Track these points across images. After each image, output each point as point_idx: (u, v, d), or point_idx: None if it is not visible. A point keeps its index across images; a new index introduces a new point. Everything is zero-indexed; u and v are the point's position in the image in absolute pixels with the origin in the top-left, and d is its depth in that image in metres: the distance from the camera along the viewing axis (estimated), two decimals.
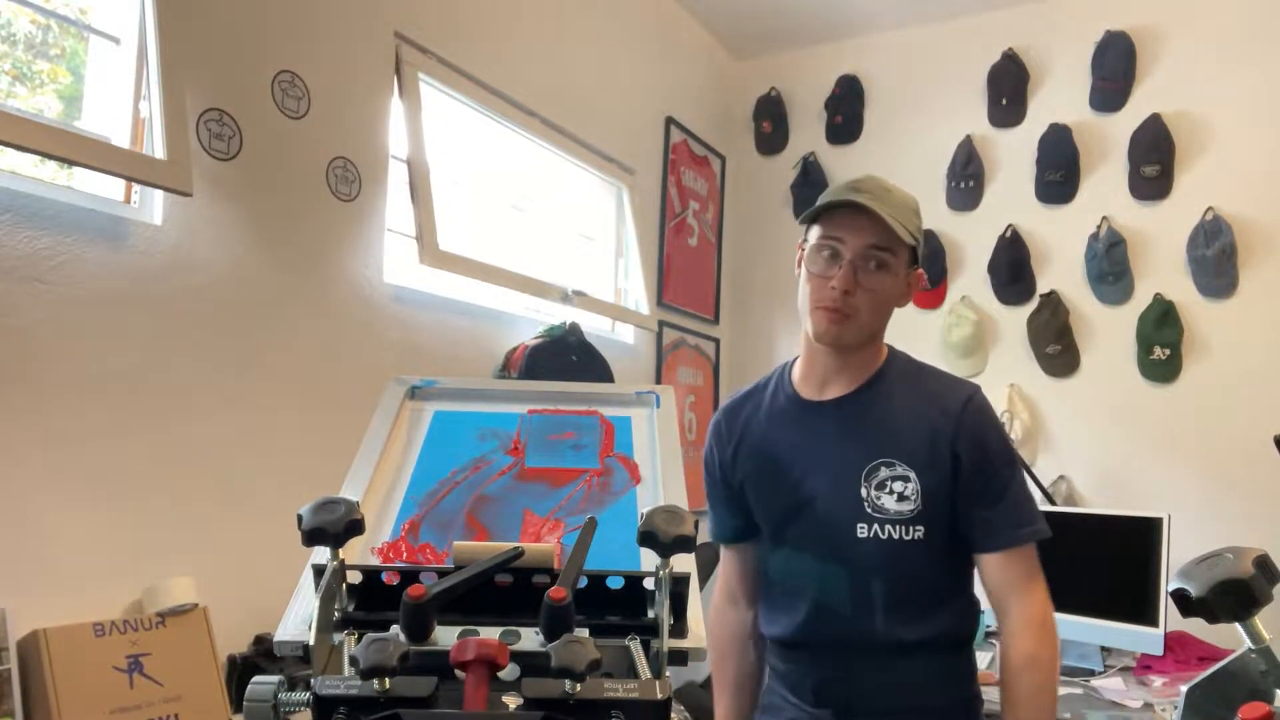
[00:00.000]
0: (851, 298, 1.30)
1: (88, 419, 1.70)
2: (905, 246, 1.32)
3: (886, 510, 1.32)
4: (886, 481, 1.33)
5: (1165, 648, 2.53)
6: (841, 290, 1.29)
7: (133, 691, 1.61)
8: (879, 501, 1.32)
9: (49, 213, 1.65)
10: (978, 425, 1.34)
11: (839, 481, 1.34)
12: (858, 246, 1.30)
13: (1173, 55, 3.30)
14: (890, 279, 1.32)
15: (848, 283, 1.29)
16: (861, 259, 1.30)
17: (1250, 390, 3.06)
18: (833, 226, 1.32)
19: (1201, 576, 0.65)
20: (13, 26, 1.77)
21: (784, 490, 1.39)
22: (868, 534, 1.33)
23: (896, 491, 1.32)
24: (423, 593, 0.69)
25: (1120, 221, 3.32)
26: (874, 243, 1.29)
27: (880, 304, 1.34)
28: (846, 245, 1.30)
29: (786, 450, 1.40)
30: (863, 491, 1.33)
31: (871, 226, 1.29)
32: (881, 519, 1.32)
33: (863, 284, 1.31)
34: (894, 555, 1.33)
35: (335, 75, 2.21)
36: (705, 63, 4.00)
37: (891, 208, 1.30)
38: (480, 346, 2.65)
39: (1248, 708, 0.58)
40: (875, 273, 1.31)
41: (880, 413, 1.37)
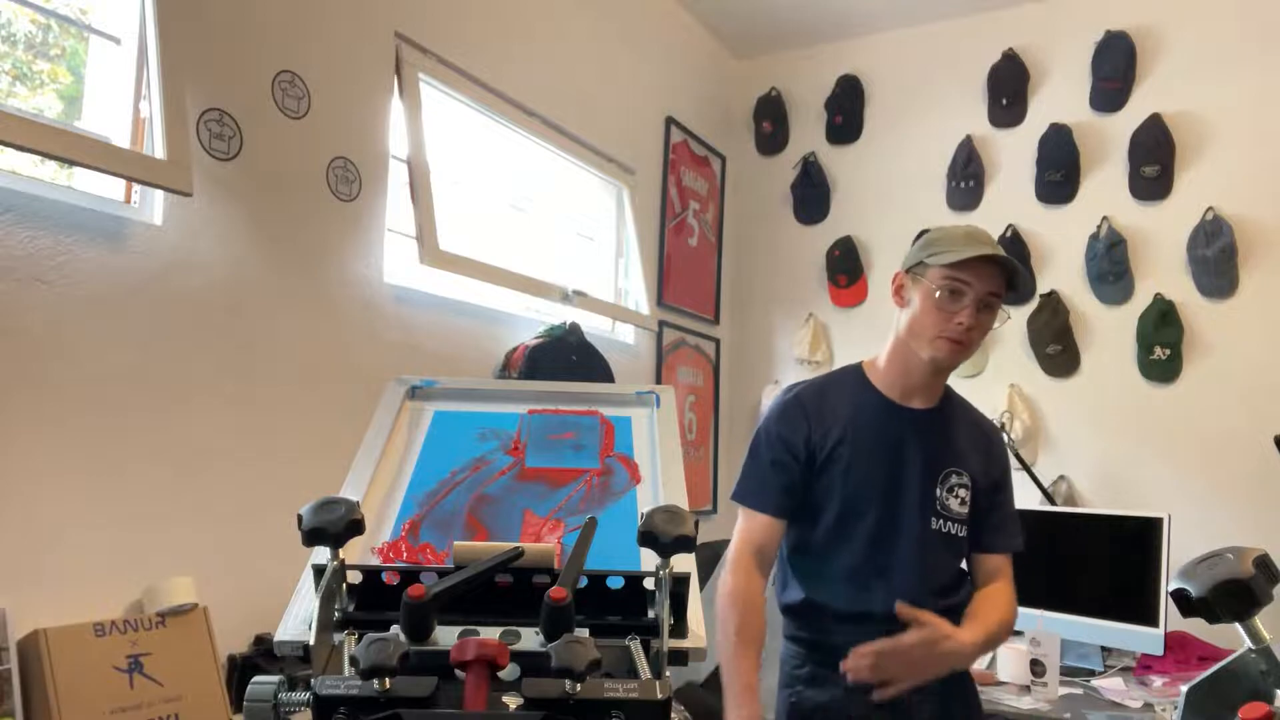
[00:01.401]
0: (972, 332, 1.56)
1: (88, 419, 1.70)
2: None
3: (951, 510, 1.61)
4: (955, 487, 1.62)
5: (1165, 648, 2.53)
6: (967, 327, 1.55)
7: (133, 691, 1.61)
8: (946, 502, 1.61)
9: (49, 213, 1.65)
10: (1004, 455, 1.73)
11: (922, 479, 1.60)
12: (981, 291, 1.55)
13: (1173, 55, 3.30)
14: (992, 318, 1.60)
15: (972, 319, 1.55)
16: (982, 301, 1.56)
17: (1251, 390, 3.06)
18: (963, 270, 1.55)
19: (1202, 576, 0.65)
20: (13, 26, 1.77)
21: (876, 476, 1.62)
22: (937, 526, 1.61)
23: (960, 496, 1.62)
24: (423, 593, 0.68)
25: (1120, 221, 3.32)
26: (993, 289, 1.56)
27: (982, 339, 1.62)
28: (973, 288, 1.55)
29: (882, 443, 1.62)
30: (937, 491, 1.61)
31: (993, 275, 1.55)
32: (946, 516, 1.61)
33: (979, 322, 1.57)
34: (948, 546, 1.62)
35: (335, 75, 2.21)
36: (705, 62, 4.00)
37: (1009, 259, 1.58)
38: (480, 346, 2.65)
39: (1248, 708, 0.58)
40: (987, 313, 1.58)
41: (952, 429, 1.67)
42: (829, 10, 3.72)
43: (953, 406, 1.70)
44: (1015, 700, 2.34)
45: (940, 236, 1.62)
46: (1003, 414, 3.34)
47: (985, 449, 1.68)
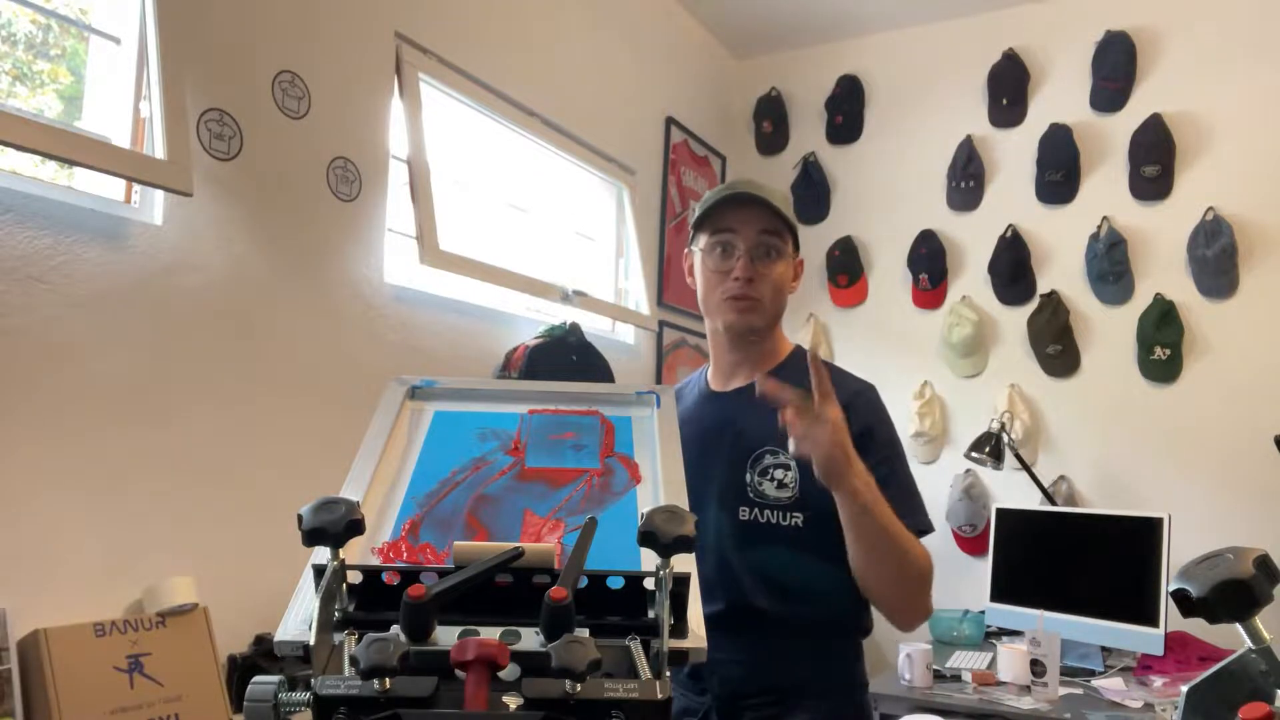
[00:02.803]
0: (753, 285, 1.40)
1: (88, 418, 1.70)
2: (789, 232, 1.44)
3: (766, 496, 1.40)
4: (769, 469, 1.40)
5: (1166, 648, 2.53)
6: (745, 279, 1.39)
7: (133, 691, 1.61)
8: (760, 488, 1.40)
9: (49, 212, 1.65)
10: (860, 415, 1.38)
11: (731, 467, 1.42)
12: (751, 236, 1.40)
13: (1173, 55, 3.30)
14: (783, 264, 1.43)
15: (748, 270, 1.39)
16: (756, 247, 1.40)
17: (1251, 390, 3.06)
18: (723, 221, 1.42)
19: (1202, 577, 0.65)
20: (13, 26, 1.77)
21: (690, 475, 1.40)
22: (749, 517, 1.40)
23: (777, 479, 1.40)
24: (423, 593, 0.68)
25: (1121, 221, 3.32)
26: (764, 228, 1.40)
27: (778, 289, 1.44)
28: (739, 235, 1.41)
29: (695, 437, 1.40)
30: (747, 476, 1.41)
31: (758, 215, 1.40)
32: (762, 504, 1.40)
33: (760, 272, 1.41)
34: (774, 537, 1.39)
35: (336, 75, 2.21)
36: (706, 62, 4.00)
37: (773, 196, 1.42)
38: (480, 346, 2.65)
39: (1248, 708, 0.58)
40: (770, 260, 1.42)
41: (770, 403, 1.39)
42: (829, 10, 3.72)
43: (785, 375, 1.41)
44: (1015, 700, 2.34)
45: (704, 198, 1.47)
46: (1003, 414, 3.34)
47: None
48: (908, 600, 1.36)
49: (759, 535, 1.39)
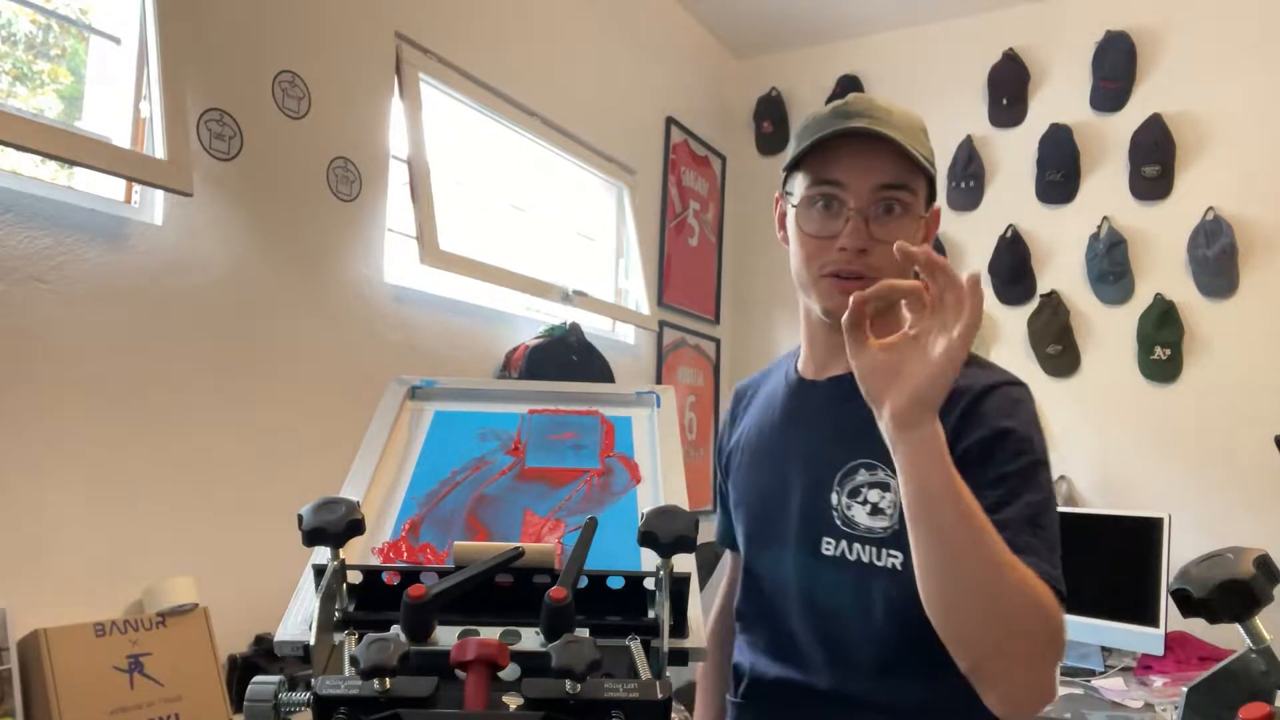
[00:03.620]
0: (868, 257, 1.01)
1: (88, 419, 1.70)
2: (922, 178, 1.04)
3: (857, 525, 1.04)
4: (861, 488, 1.04)
5: (1166, 648, 2.53)
6: (854, 249, 1.01)
7: (133, 691, 1.61)
8: (849, 513, 1.04)
9: (49, 213, 1.65)
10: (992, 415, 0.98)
11: (812, 483, 1.07)
12: (865, 191, 1.01)
13: (1173, 55, 3.30)
14: (911, 223, 1.03)
15: (860, 239, 1.01)
16: (872, 205, 1.01)
17: (1251, 390, 3.06)
18: (827, 168, 1.03)
19: (1202, 577, 0.65)
20: (13, 26, 1.77)
21: (756, 486, 1.16)
22: (834, 552, 1.05)
23: (870, 501, 1.03)
24: (423, 593, 0.68)
25: (1121, 221, 3.32)
26: (886, 181, 1.01)
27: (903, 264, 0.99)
28: (849, 190, 1.02)
29: (768, 438, 1.16)
30: (834, 498, 1.05)
31: (878, 160, 1.01)
32: (851, 535, 1.04)
33: (878, 236, 1.01)
34: (864, 585, 1.02)
35: (336, 75, 2.21)
36: (706, 62, 4.00)
37: (900, 131, 1.01)
38: (481, 346, 2.65)
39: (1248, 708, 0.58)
40: (892, 219, 1.02)
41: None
42: (829, 10, 3.72)
43: None
44: None
45: (806, 121, 1.08)
46: None
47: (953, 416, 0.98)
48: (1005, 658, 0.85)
49: (843, 578, 1.03)
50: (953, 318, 0.80)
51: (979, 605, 0.84)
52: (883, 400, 0.84)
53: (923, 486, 0.83)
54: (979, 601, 0.84)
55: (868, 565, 1.02)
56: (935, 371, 0.80)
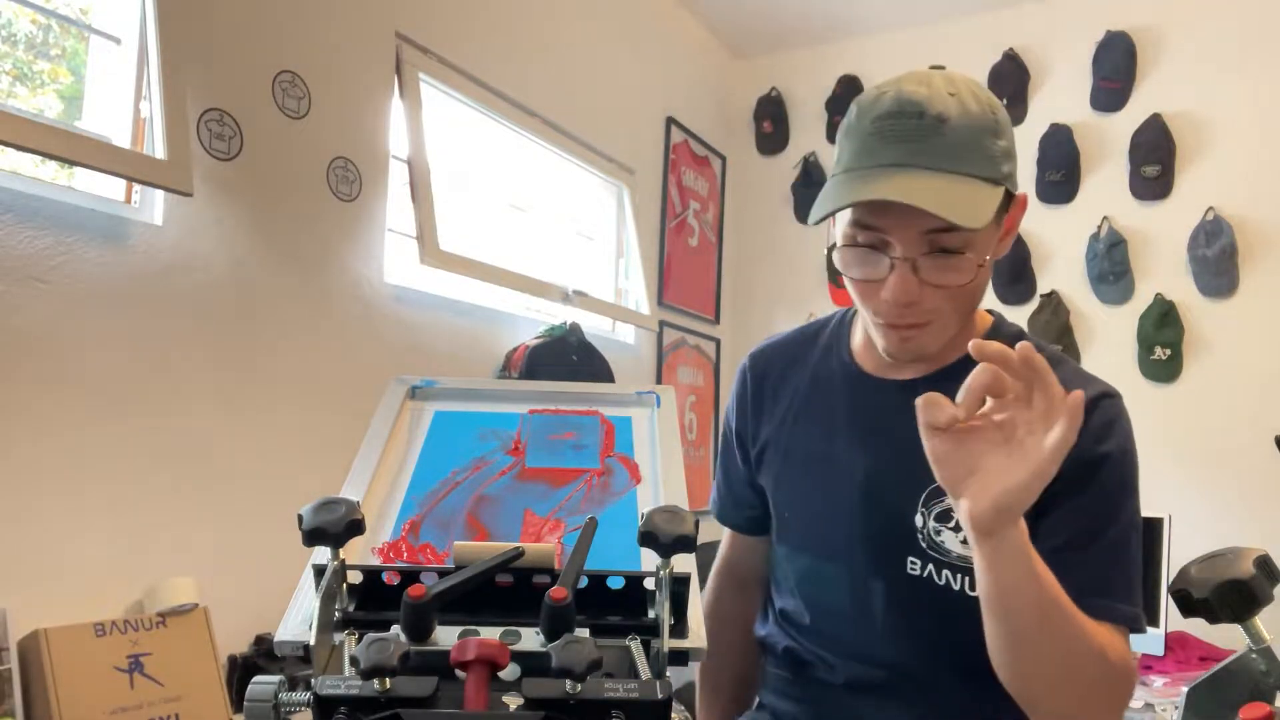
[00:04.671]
0: (922, 304, 0.91)
1: (89, 418, 1.70)
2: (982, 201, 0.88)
3: (948, 552, 0.96)
4: (952, 512, 0.95)
5: (1166, 648, 2.53)
6: (901, 305, 0.90)
7: (133, 691, 1.61)
8: (938, 537, 0.97)
9: (50, 213, 1.65)
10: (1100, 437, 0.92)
11: (892, 500, 0.99)
12: (911, 237, 0.88)
13: (1173, 55, 3.30)
14: (969, 264, 0.89)
15: (908, 293, 0.89)
16: (921, 253, 0.88)
17: (1251, 390, 3.06)
18: (865, 207, 0.89)
19: (1202, 577, 0.65)
20: (13, 26, 1.77)
21: (816, 488, 1.07)
22: (920, 572, 0.98)
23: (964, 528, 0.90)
24: (423, 593, 0.68)
25: (1121, 221, 3.32)
26: (935, 226, 0.86)
27: (965, 296, 0.93)
28: (893, 235, 0.88)
29: (825, 434, 1.05)
30: (918, 519, 0.97)
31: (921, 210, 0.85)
32: (940, 560, 0.97)
33: (930, 280, 0.89)
34: (952, 612, 0.95)
35: (336, 75, 2.21)
36: (706, 62, 4.00)
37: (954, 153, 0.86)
38: (481, 346, 2.65)
39: (1249, 708, 0.58)
40: (949, 260, 0.88)
41: None
42: (829, 10, 3.72)
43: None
44: None
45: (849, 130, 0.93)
46: None
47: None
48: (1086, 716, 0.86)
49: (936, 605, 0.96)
50: (1041, 424, 0.73)
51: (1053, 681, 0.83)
52: (959, 496, 0.78)
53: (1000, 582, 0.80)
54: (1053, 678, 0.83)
55: (958, 593, 0.96)
56: (1021, 483, 0.73)
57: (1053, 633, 0.81)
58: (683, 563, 0.77)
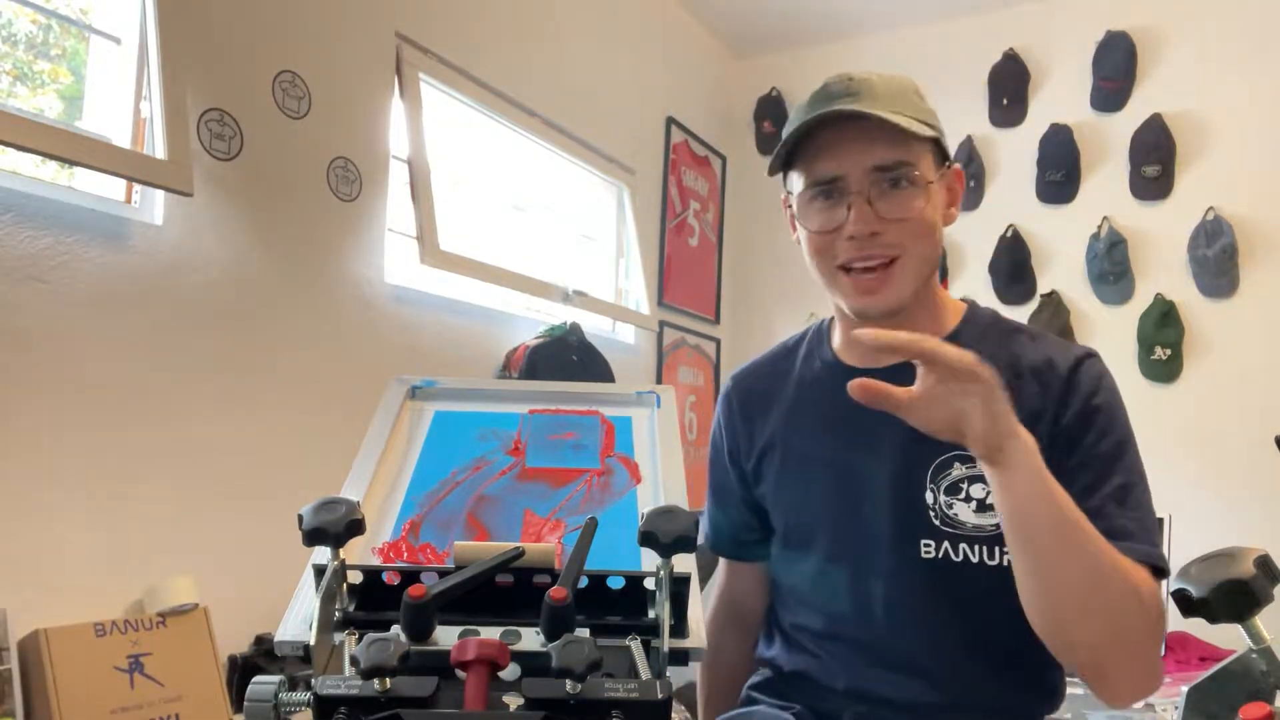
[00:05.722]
0: (881, 238, 0.96)
1: (88, 419, 1.70)
2: (925, 143, 0.98)
3: (962, 524, 0.97)
4: (961, 483, 0.97)
5: (1166, 648, 2.53)
6: (864, 235, 0.96)
7: (133, 691, 1.61)
8: (950, 511, 0.98)
9: (50, 213, 1.65)
10: (1092, 393, 0.97)
11: (897, 480, 1.00)
12: (860, 174, 0.96)
13: (1173, 55, 3.30)
14: (922, 193, 0.97)
15: (866, 223, 0.95)
16: (873, 186, 0.96)
17: (1251, 390, 3.06)
18: (818, 162, 0.98)
19: (1202, 577, 0.65)
20: (14, 26, 1.77)
21: (819, 485, 1.07)
22: (935, 554, 0.98)
23: (975, 498, 0.96)
24: (423, 593, 0.68)
25: (1121, 221, 3.32)
26: (880, 161, 0.96)
27: (924, 228, 0.98)
28: (848, 177, 0.96)
29: (819, 430, 1.07)
30: (928, 496, 0.98)
31: (867, 141, 0.96)
32: (955, 535, 0.97)
33: (886, 214, 0.96)
34: (971, 587, 0.97)
35: (336, 75, 2.21)
36: (706, 62, 4.00)
37: (885, 100, 0.96)
38: (481, 347, 2.65)
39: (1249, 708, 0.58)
40: (899, 192, 0.96)
41: None
42: (829, 10, 3.72)
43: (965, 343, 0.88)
44: None
45: (791, 114, 1.03)
46: None
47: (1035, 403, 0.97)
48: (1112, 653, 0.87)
49: (954, 583, 0.96)
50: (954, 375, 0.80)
51: (1080, 605, 0.84)
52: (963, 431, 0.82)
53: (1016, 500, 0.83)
54: (1080, 601, 0.84)
55: (977, 565, 0.97)
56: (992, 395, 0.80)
57: (1074, 550, 0.83)
58: (683, 563, 0.77)
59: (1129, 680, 0.89)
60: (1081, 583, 0.84)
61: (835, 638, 1.06)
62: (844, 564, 1.04)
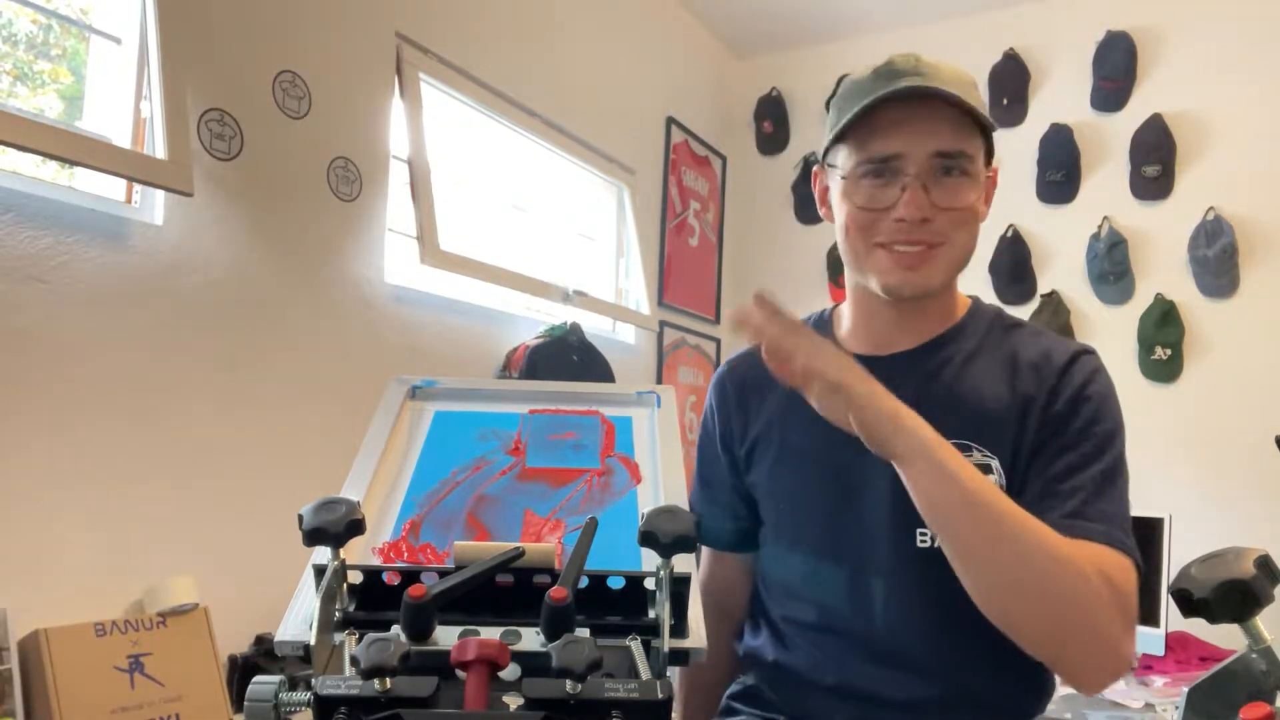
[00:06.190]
0: (932, 224, 0.96)
1: (89, 418, 1.70)
2: (980, 137, 0.99)
3: None
4: None
5: (1166, 648, 2.53)
6: (916, 220, 0.95)
7: (134, 691, 1.61)
8: None
9: (50, 213, 1.65)
10: (1084, 384, 0.98)
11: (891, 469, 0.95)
12: (922, 157, 0.95)
13: (1174, 55, 3.30)
14: (973, 185, 0.98)
15: (921, 208, 0.95)
16: (933, 168, 0.96)
17: (1252, 390, 3.06)
18: (877, 138, 0.97)
19: (1202, 577, 0.65)
20: (14, 27, 1.77)
21: (813, 476, 1.06)
22: (930, 543, 0.97)
23: None
24: (423, 593, 0.68)
25: (1121, 221, 3.32)
26: (944, 147, 0.95)
27: (971, 220, 0.99)
28: (908, 159, 0.95)
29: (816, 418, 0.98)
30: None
31: (934, 123, 0.95)
32: None
33: (939, 203, 0.96)
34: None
35: (336, 75, 2.21)
36: (706, 62, 4.00)
37: (955, 86, 0.95)
38: (481, 347, 2.65)
39: (1249, 708, 0.58)
40: (955, 181, 0.96)
41: (954, 377, 1.02)
42: (829, 10, 3.72)
43: (968, 339, 1.04)
44: None
45: (847, 88, 1.02)
46: None
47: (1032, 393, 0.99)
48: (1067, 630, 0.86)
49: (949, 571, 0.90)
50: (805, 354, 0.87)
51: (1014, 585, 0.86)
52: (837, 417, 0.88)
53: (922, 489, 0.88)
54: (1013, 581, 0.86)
55: None
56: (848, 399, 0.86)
57: (994, 531, 0.85)
58: (683, 563, 0.77)
59: (1087, 662, 0.88)
60: (1012, 564, 0.85)
61: (827, 630, 1.05)
62: (838, 556, 1.04)
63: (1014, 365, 1.01)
